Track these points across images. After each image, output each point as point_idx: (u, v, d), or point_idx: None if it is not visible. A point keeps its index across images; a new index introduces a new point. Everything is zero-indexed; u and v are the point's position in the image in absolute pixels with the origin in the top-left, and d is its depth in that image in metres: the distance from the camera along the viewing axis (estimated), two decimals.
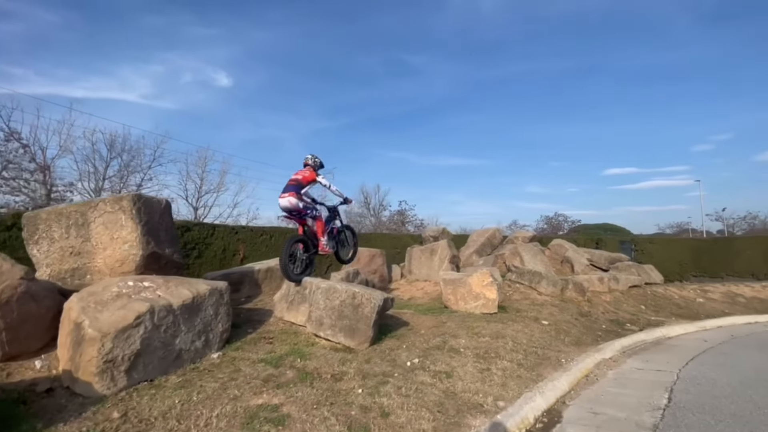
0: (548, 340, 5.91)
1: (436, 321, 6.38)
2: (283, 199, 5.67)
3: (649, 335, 7.15)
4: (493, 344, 5.21)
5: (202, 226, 10.93)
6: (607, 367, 5.16)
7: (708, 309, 10.45)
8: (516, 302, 8.10)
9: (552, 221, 37.78)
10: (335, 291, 4.55)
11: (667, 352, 5.96)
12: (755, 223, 34.47)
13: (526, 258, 10.88)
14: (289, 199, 5.68)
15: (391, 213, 36.03)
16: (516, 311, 7.45)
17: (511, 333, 5.84)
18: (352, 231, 7.29)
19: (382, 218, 36.78)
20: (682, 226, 42.26)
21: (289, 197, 5.68)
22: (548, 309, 7.82)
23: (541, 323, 6.85)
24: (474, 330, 5.84)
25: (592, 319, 8.03)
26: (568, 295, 9.01)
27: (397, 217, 34.77)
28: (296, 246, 5.94)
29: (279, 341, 4.43)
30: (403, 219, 34.64)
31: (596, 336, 6.82)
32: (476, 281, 7.17)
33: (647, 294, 11.06)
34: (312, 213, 6.05)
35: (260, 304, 5.73)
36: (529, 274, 9.08)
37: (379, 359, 4.08)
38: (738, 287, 12.56)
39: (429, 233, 10.71)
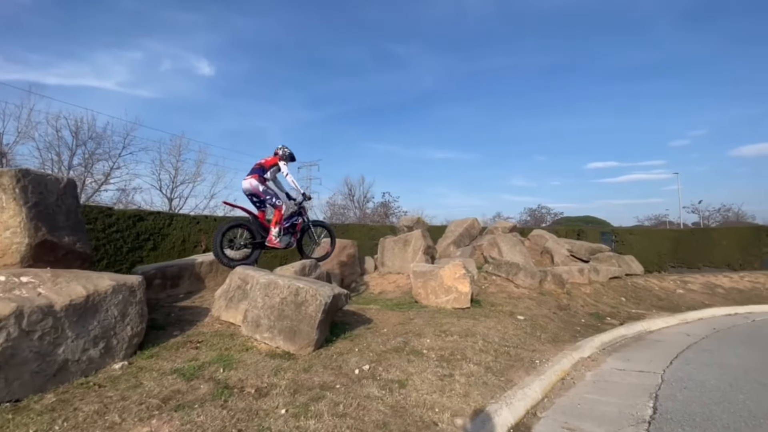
0: (523, 337, 5.39)
1: (402, 317, 5.80)
2: (245, 181, 5.70)
3: (630, 330, 6.73)
4: (461, 344, 4.65)
5: (158, 215, 10.07)
6: (586, 367, 4.67)
7: (688, 300, 10.19)
8: (491, 295, 7.59)
9: (535, 213, 37.82)
10: (276, 287, 3.89)
11: (649, 349, 5.52)
12: (729, 215, 35.17)
13: (505, 249, 10.40)
14: (250, 180, 5.69)
15: (375, 205, 35.48)
16: (491, 305, 6.93)
17: (482, 330, 5.30)
18: (326, 228, 7.12)
19: (367, 210, 36.17)
20: (660, 218, 43.02)
21: (250, 179, 5.69)
22: (525, 302, 7.34)
23: (516, 318, 6.34)
24: (442, 327, 5.27)
25: (571, 312, 7.59)
26: (547, 287, 8.56)
27: (381, 209, 34.22)
28: (238, 230, 5.74)
29: (207, 346, 3.76)
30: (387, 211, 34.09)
31: (575, 331, 6.36)
32: (448, 274, 6.61)
33: (628, 286, 10.75)
34: (272, 200, 5.88)
35: (198, 302, 5.03)
36: (506, 265, 8.59)
37: (321, 367, 3.46)
38: (717, 278, 12.40)
39: (403, 223, 10.12)
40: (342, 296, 4.30)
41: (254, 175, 5.75)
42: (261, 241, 5.88)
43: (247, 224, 5.81)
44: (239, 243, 5.76)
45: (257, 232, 5.87)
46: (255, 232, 5.85)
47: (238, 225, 5.79)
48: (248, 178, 5.73)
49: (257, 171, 5.81)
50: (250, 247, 5.86)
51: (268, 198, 5.82)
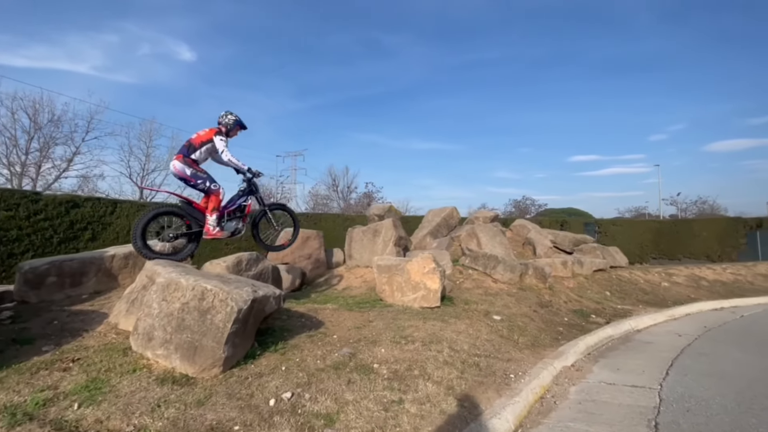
0: (497, 342, 4.64)
1: (360, 320, 4.98)
2: (171, 163, 4.69)
3: (617, 329, 6.08)
4: (422, 354, 3.85)
5: (98, 201, 8.95)
6: (569, 380, 3.94)
7: (674, 294, 9.69)
8: (466, 292, 6.84)
9: (520, 205, 37.50)
10: (177, 288, 2.99)
11: (640, 354, 4.84)
12: (704, 208, 35.56)
13: (484, 240, 9.67)
14: (174, 162, 4.67)
15: (358, 195, 34.60)
16: (464, 303, 6.17)
17: (450, 335, 4.52)
18: (288, 212, 5.98)
19: (351, 201, 35.21)
20: (639, 210, 43.41)
21: (175, 160, 4.67)
22: (503, 299, 6.61)
23: (491, 319, 5.60)
24: (403, 332, 4.47)
25: (553, 310, 6.91)
26: (528, 281, 7.87)
27: (364, 200, 33.32)
28: (168, 218, 4.77)
29: (82, 367, 2.85)
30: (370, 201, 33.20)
31: (557, 333, 5.66)
32: (416, 268, 5.80)
33: (612, 278, 10.19)
34: (203, 185, 4.77)
35: (100, 304, 4.08)
36: (484, 258, 7.85)
37: (225, 396, 2.60)
38: (700, 270, 11.99)
39: (374, 212, 9.28)
40: (272, 299, 3.43)
41: (178, 155, 4.69)
42: (199, 230, 4.89)
43: (179, 210, 4.83)
44: (170, 234, 4.78)
45: (194, 221, 4.86)
46: (191, 220, 4.85)
47: (169, 212, 4.83)
48: (173, 160, 4.69)
49: (183, 150, 4.73)
50: (185, 238, 4.88)
51: (199, 182, 4.72)
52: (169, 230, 4.82)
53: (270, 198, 32.13)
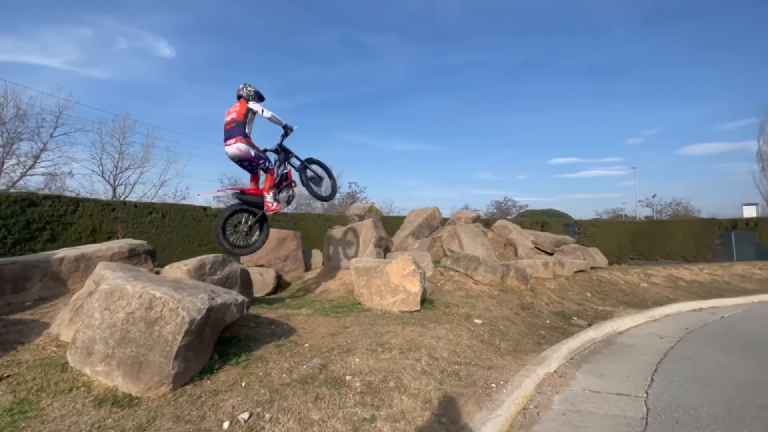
0: (478, 348, 4.44)
1: (335, 326, 4.71)
2: (231, 147, 4.90)
3: (599, 332, 5.98)
4: (399, 363, 3.61)
5: (57, 199, 8.39)
6: (553, 387, 3.77)
7: (653, 295, 9.75)
8: (447, 294, 6.64)
9: (501, 206, 37.87)
10: (121, 296, 2.66)
11: (623, 358, 4.72)
12: (679, 209, 36.66)
13: (466, 240, 9.52)
14: (237, 145, 4.88)
15: (342, 195, 34.29)
16: (445, 306, 5.97)
17: (429, 341, 4.29)
18: (320, 164, 6.41)
19: (334, 201, 34.79)
20: (616, 211, 44.49)
21: (237, 143, 4.88)
22: (484, 302, 6.44)
23: (473, 323, 5.41)
24: (381, 339, 4.22)
25: (535, 312, 6.78)
26: (509, 283, 7.74)
27: (347, 200, 32.99)
28: (238, 216, 5.32)
29: (13, 384, 2.49)
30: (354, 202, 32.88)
31: (539, 336, 5.51)
32: (395, 270, 5.56)
33: (593, 279, 10.19)
34: (264, 164, 5.24)
35: (42, 313, 3.68)
36: (465, 259, 7.68)
37: (171, 419, 2.29)
38: (678, 270, 12.16)
39: (353, 212, 9.01)
40: (233, 307, 3.13)
41: (238, 137, 4.88)
42: (262, 213, 5.39)
43: (239, 208, 5.32)
44: (244, 228, 5.35)
45: (255, 207, 5.35)
46: (252, 208, 5.35)
47: (236, 211, 5.32)
48: (233, 143, 4.89)
49: (238, 131, 4.90)
50: (251, 226, 5.43)
51: (261, 162, 5.16)
52: (244, 225, 5.34)
53: None
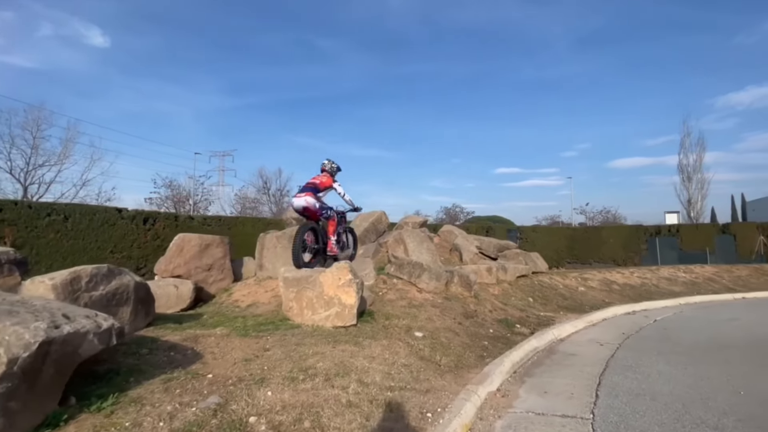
0: (417, 367, 3.97)
1: (254, 348, 4.01)
2: (299, 199, 6.05)
3: (541, 340, 5.80)
4: (321, 394, 3.02)
5: None
6: (495, 410, 3.37)
7: (590, 299, 10.00)
8: (389, 304, 6.15)
9: (450, 212, 38.54)
10: None
11: (566, 370, 4.49)
12: (609, 217, 39.67)
13: (411, 246, 9.14)
14: (306, 198, 6.02)
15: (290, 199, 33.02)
16: (385, 319, 5.47)
17: (362, 363, 3.75)
18: (353, 234, 7.53)
19: (284, 205, 33.31)
20: (554, 218, 47.32)
21: (306, 197, 6.03)
22: (427, 312, 6.03)
23: (413, 336, 4.95)
24: (304, 363, 3.61)
25: (479, 321, 6.50)
26: (454, 290, 7.43)
27: None
28: (309, 234, 6.13)
29: None
30: None
31: (482, 348, 5.17)
32: (330, 280, 4.97)
33: (534, 284, 10.26)
34: (326, 213, 6.28)
35: None
36: (409, 266, 7.26)
37: None
38: (611, 274, 12.73)
39: (291, 215, 8.27)
40: (92, 336, 2.36)
41: (308, 193, 6.07)
42: (324, 247, 6.34)
43: (313, 227, 6.22)
44: (311, 247, 6.20)
45: (320, 237, 6.31)
46: (318, 236, 6.30)
47: (309, 229, 6.13)
48: (302, 196, 6.04)
49: (312, 190, 6.14)
50: (316, 249, 6.26)
51: (323, 213, 6.22)
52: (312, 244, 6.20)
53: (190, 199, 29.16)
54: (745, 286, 12.81)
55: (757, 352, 5.12)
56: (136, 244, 9.85)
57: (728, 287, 12.51)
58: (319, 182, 6.26)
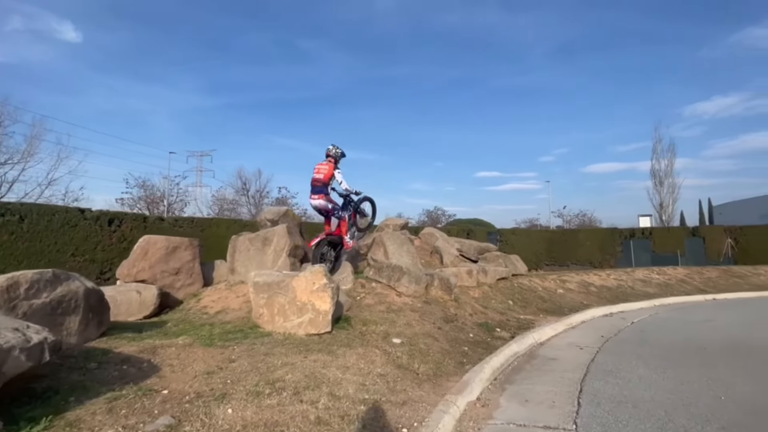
0: (393, 377, 3.76)
1: (218, 360, 3.72)
2: (314, 201, 6.60)
3: (521, 345, 5.69)
4: (287, 411, 2.77)
5: None
6: (475, 423, 3.19)
7: (569, 301, 10.03)
8: (366, 309, 5.93)
9: (432, 215, 38.62)
10: None
11: (546, 376, 4.37)
12: (585, 220, 40.62)
13: (391, 248, 8.93)
14: (318, 201, 6.56)
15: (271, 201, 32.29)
16: (362, 324, 5.24)
17: (335, 374, 3.51)
18: (369, 200, 8.00)
19: (263, 206, 32.62)
20: (533, 221, 48.17)
21: (318, 199, 6.55)
22: (406, 317, 5.83)
23: (391, 343, 4.74)
24: (272, 375, 3.35)
25: (459, 325, 6.35)
26: (434, 293, 7.27)
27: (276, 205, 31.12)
28: (326, 248, 6.72)
29: None
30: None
31: (462, 354, 5.01)
32: (303, 285, 4.71)
33: (514, 287, 10.23)
34: (337, 214, 6.80)
35: None
36: (388, 269, 7.06)
37: None
38: (589, 276, 12.88)
39: (265, 216, 7.91)
40: (17, 352, 2.05)
41: (320, 195, 6.53)
42: (341, 247, 7.00)
43: (328, 241, 6.77)
44: (329, 258, 6.79)
45: (335, 244, 6.91)
46: (334, 243, 6.90)
47: (325, 243, 6.72)
48: (316, 198, 6.55)
49: (321, 190, 6.54)
50: (335, 255, 6.95)
51: (335, 213, 6.76)
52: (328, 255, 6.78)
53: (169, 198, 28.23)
54: (715, 287, 13.18)
55: (734, 354, 5.15)
56: (100, 246, 9.29)
57: (699, 289, 12.84)
58: (323, 176, 6.52)
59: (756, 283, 14.02)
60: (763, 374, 4.27)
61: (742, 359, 4.90)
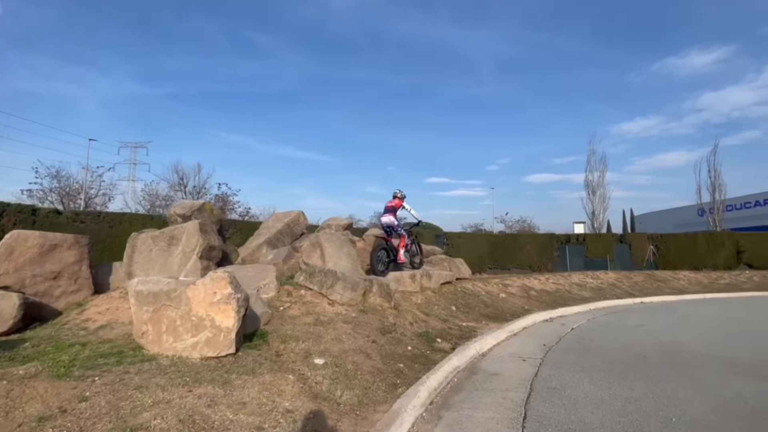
0: (304, 414, 2.98)
1: (65, 397, 2.74)
2: (385, 218, 8.67)
3: (462, 357, 5.18)
4: None
5: None
6: None
7: (510, 306, 9.86)
8: (290, 322, 5.09)
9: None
10: None
11: (488, 397, 3.84)
12: (525, 226, 42.60)
13: (329, 251, 8.15)
14: (389, 218, 8.61)
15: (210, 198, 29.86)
16: (281, 342, 4.40)
17: (223, 415, 2.67)
18: (418, 244, 9.82)
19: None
20: (478, 226, 49.86)
21: (390, 216, 8.64)
22: (336, 330, 5.08)
23: (311, 365, 3.96)
24: (133, 422, 2.45)
25: (397, 336, 5.72)
26: (372, 301, 6.59)
27: (216, 203, 28.85)
28: (382, 251, 8.37)
29: None
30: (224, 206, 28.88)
31: (396, 374, 4.35)
32: (201, 295, 3.79)
33: (458, 291, 9.86)
34: (399, 231, 8.66)
35: None
36: (320, 274, 6.26)
37: None
38: (529, 280, 12.96)
39: (176, 211, 6.71)
40: None
41: (391, 214, 8.65)
42: (393, 259, 8.60)
43: (384, 246, 8.47)
44: (383, 260, 8.38)
45: (390, 251, 8.57)
46: (389, 251, 8.54)
47: (382, 248, 8.40)
48: (387, 216, 8.65)
49: (392, 212, 8.69)
50: (388, 261, 8.50)
51: (398, 229, 8.64)
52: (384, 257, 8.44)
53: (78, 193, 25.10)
54: (642, 291, 13.90)
55: (671, 363, 5.00)
56: None
57: (629, 292, 13.44)
58: (395, 204, 8.75)
59: (676, 287, 15.04)
60: (703, 387, 4.07)
61: (679, 369, 4.75)
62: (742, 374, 4.47)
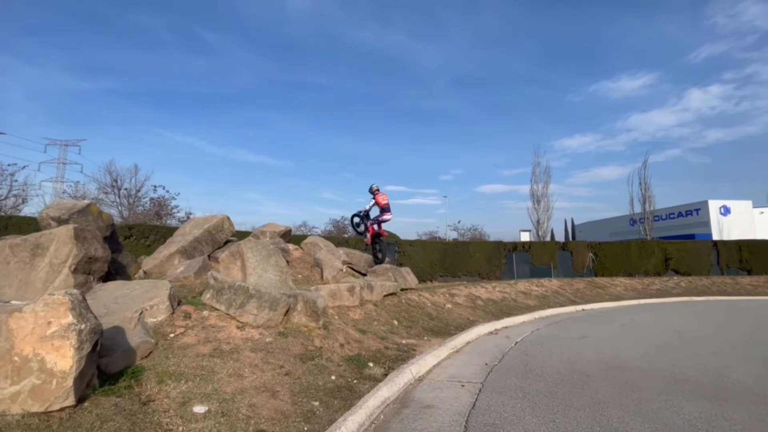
0: None
1: None
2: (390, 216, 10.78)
3: (394, 386, 4.46)
4: None
5: None
6: None
7: (456, 317, 9.38)
8: (179, 354, 4.08)
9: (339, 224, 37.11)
10: None
11: None
12: (476, 234, 43.57)
13: (252, 261, 7.15)
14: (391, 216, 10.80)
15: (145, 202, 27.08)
16: (157, 383, 3.41)
17: None
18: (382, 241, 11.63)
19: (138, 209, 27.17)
20: (432, 234, 50.38)
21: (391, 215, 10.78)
22: (239, 361, 4.15)
23: (187, 417, 3.02)
24: None
25: (321, 363, 4.88)
26: (296, 321, 5.71)
27: (152, 208, 26.24)
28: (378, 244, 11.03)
29: None
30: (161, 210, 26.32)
31: (307, 417, 3.51)
32: (29, 326, 2.74)
33: (402, 303, 9.23)
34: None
35: None
36: (230, 291, 5.28)
37: None
38: (476, 288, 12.67)
39: (50, 213, 5.39)
40: None
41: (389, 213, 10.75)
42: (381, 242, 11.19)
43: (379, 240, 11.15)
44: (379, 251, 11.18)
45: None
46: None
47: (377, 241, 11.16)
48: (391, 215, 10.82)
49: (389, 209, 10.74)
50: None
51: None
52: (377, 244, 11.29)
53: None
54: (583, 298, 14.13)
55: (616, 384, 4.62)
56: None
57: (571, 300, 13.58)
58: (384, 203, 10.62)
59: (614, 294, 15.53)
60: (652, 414, 3.65)
61: (625, 390, 4.34)
62: (690, 395, 4.14)
